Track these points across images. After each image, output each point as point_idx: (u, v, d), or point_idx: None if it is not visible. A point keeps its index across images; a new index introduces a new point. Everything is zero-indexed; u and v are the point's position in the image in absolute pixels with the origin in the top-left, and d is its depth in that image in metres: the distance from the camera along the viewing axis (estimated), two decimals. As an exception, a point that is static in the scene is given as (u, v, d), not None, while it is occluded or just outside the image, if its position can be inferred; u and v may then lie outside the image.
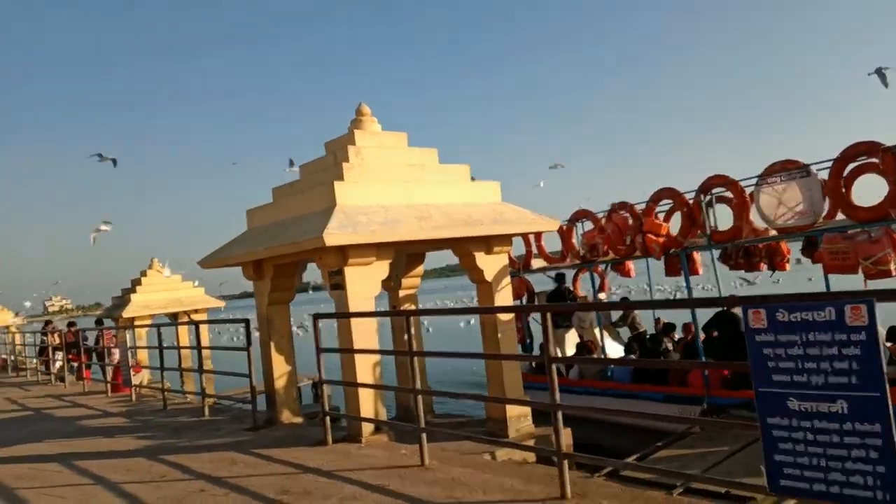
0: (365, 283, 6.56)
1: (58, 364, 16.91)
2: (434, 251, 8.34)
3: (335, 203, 6.43)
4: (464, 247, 7.37)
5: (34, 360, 18.52)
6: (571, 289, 12.12)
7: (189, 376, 15.40)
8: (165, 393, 9.94)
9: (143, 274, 21.58)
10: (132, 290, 21.10)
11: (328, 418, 6.41)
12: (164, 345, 10.36)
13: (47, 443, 7.88)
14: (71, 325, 16.38)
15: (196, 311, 21.68)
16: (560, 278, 11.93)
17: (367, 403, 6.46)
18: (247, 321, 7.77)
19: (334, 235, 5.96)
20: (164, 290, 21.21)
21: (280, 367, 7.81)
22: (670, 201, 9.56)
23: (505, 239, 7.51)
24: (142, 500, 5.18)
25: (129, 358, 10.73)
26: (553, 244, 11.54)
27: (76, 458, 6.86)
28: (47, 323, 17.49)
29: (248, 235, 7.82)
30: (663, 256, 9.35)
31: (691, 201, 9.09)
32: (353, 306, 6.43)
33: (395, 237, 6.38)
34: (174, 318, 21.88)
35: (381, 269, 6.71)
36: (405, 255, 8.39)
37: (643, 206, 9.75)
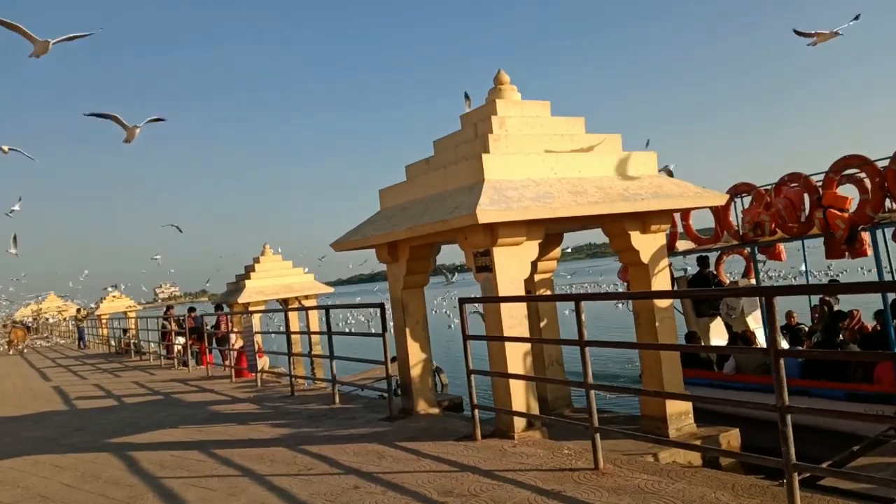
0: (514, 265, 5.99)
1: (176, 348, 17.45)
2: (583, 230, 7.69)
3: (483, 178, 5.88)
4: (617, 225, 6.68)
5: (154, 345, 19.25)
6: (715, 273, 11.10)
7: (305, 362, 15.49)
8: (293, 379, 9.76)
9: (257, 260, 22.01)
10: (246, 276, 21.54)
11: (477, 411, 5.90)
12: (286, 330, 10.18)
13: (183, 429, 7.81)
14: (191, 310, 16.78)
15: (307, 297, 21.95)
16: (703, 261, 10.91)
17: (519, 396, 5.91)
18: (382, 305, 7.39)
19: (487, 212, 5.42)
20: (276, 277, 21.52)
21: (416, 354, 7.38)
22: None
23: (664, 215, 6.75)
24: (294, 495, 4.84)
25: (254, 343, 10.66)
26: (700, 222, 10.53)
27: (215, 445, 6.68)
28: (168, 308, 18.06)
29: (382, 216, 7.41)
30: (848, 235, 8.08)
31: (884, 170, 7.81)
32: (503, 290, 5.87)
33: (549, 213, 5.77)
34: (284, 304, 22.28)
35: (531, 249, 6.12)
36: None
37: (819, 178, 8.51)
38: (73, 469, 6.37)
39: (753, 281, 10.56)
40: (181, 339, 17.27)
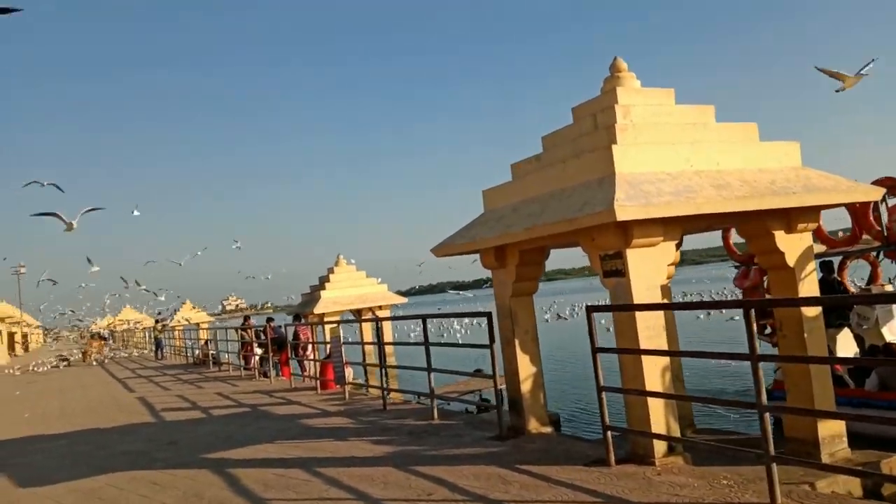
0: (650, 269, 5.35)
1: (254, 359, 17.36)
2: (718, 228, 6.98)
3: (612, 171, 5.28)
4: (759, 224, 5.96)
5: (228, 356, 19.23)
6: (840, 279, 10.14)
7: (375, 372, 15.11)
8: (385, 392, 9.31)
9: (331, 271, 21.90)
10: (321, 286, 21.41)
11: (609, 433, 5.27)
12: (379, 340, 9.73)
13: (279, 444, 7.44)
14: (269, 320, 16.67)
15: (380, 308, 21.67)
16: (828, 267, 9.98)
17: (659, 417, 5.25)
18: (489, 314, 6.85)
19: (626, 208, 4.81)
20: (350, 287, 21.33)
21: (526, 367, 6.80)
22: None
23: (812, 212, 6.00)
24: (421, 526, 4.33)
25: (342, 354, 10.29)
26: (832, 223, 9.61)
27: (318, 463, 6.26)
28: (246, 318, 18.02)
29: (488, 218, 6.89)
30: None
31: None
32: (639, 297, 5.25)
33: (693, 209, 5.12)
34: (357, 315, 22.05)
35: (668, 251, 5.48)
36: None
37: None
38: (172, 488, 6.04)
39: (889, 287, 9.58)
40: (259, 350, 17.20)
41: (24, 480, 7.04)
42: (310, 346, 15.75)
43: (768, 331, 10.01)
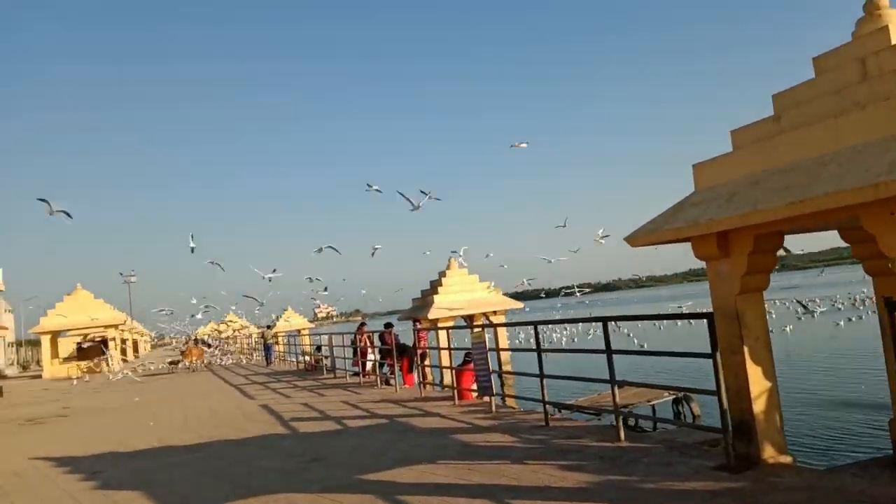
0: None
1: (368, 365, 16.63)
2: None
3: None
4: None
5: (349, 363, 18.60)
6: None
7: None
8: (546, 406, 8.16)
9: (443, 275, 21.04)
10: (433, 291, 20.59)
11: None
12: (537, 347, 8.52)
13: (446, 465, 6.42)
14: (388, 325, 15.92)
15: (494, 313, 20.61)
16: None
17: None
18: (710, 315, 5.59)
19: (980, 163, 3.48)
20: (463, 291, 20.39)
21: (758, 381, 5.50)
22: None
23: None
24: None
25: (487, 361, 9.22)
26: None
27: (510, 494, 5.19)
28: (362, 325, 17.34)
29: (703, 198, 5.64)
30: None
31: None
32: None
33: None
34: (469, 321, 21.04)
35: None
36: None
37: None
38: (344, 519, 5.11)
39: None
40: (372, 357, 16.48)
41: (169, 501, 6.33)
42: (433, 353, 14.87)
43: None
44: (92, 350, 36.94)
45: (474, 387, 11.22)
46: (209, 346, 62.58)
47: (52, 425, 13.75)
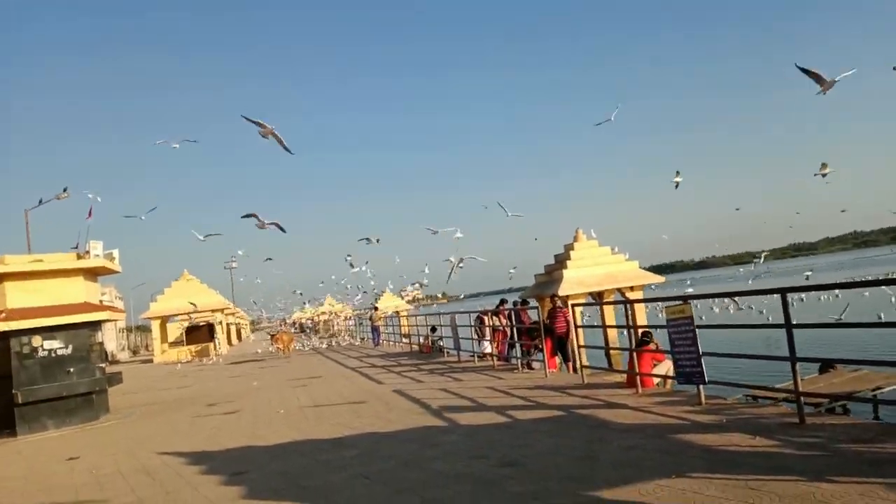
0: None
1: (486, 349, 15.14)
2: None
3: None
4: None
5: (469, 343, 17.17)
6: None
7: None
8: (801, 399, 6.27)
9: (570, 248, 19.17)
10: (561, 265, 18.75)
11: None
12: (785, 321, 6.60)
13: (706, 481, 4.69)
14: (525, 303, 14.34)
15: (631, 289, 18.59)
16: None
17: None
18: None
19: None
20: (595, 265, 18.41)
21: None
22: None
23: None
24: None
25: (696, 340, 7.38)
26: None
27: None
28: (502, 302, 15.77)
29: None
30: None
31: None
32: None
33: None
34: (598, 297, 19.11)
35: None
36: None
37: None
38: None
39: None
40: (502, 336, 14.91)
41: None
42: (574, 332, 13.18)
43: None
44: (200, 334, 37.30)
45: (659, 371, 9.43)
46: (305, 329, 63.01)
47: (173, 412, 12.92)
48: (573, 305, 11.81)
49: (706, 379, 7.34)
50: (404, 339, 26.94)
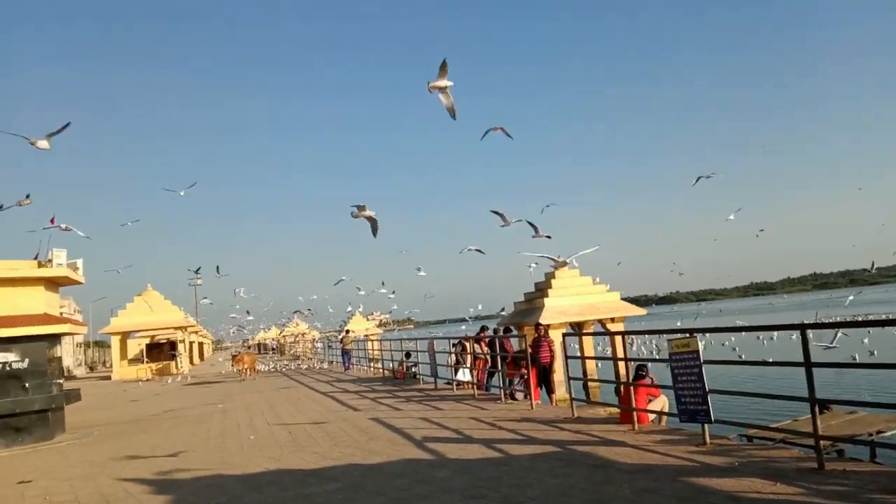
0: None
1: (465, 377, 14.71)
2: None
3: None
4: None
5: (434, 370, 16.66)
6: None
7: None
8: (819, 440, 5.92)
9: (552, 276, 18.88)
10: (542, 293, 18.45)
11: None
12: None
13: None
14: (507, 330, 13.91)
15: (612, 321, 18.32)
16: None
17: None
18: None
19: None
20: (577, 294, 18.16)
21: None
22: None
23: None
24: None
25: (703, 378, 7.03)
26: None
27: None
28: (483, 329, 15.32)
29: None
30: None
31: None
32: None
33: None
34: (578, 328, 18.82)
35: None
36: None
37: None
38: None
39: None
40: (465, 366, 14.51)
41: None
42: (556, 362, 12.84)
43: None
44: (161, 352, 36.09)
45: (654, 406, 9.06)
46: (274, 350, 61.64)
47: (134, 434, 12.14)
48: (564, 335, 11.38)
49: (713, 418, 6.97)
50: (375, 365, 26.31)
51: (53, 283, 13.22)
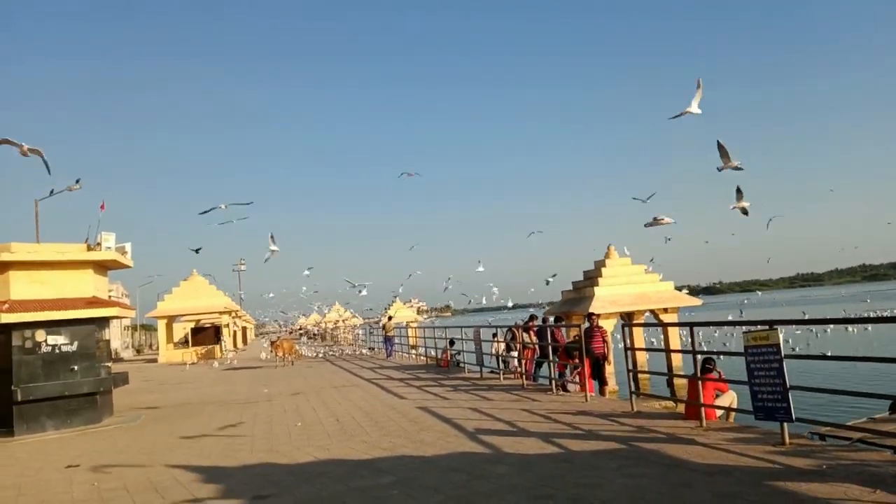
0: None
1: (513, 362, 14.32)
2: None
3: None
4: None
5: (479, 358, 16.30)
6: None
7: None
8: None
9: (601, 264, 18.31)
10: (592, 282, 17.90)
11: None
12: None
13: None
14: (558, 319, 13.45)
15: (665, 311, 17.69)
16: None
17: None
18: None
19: None
20: (627, 284, 17.55)
21: None
22: None
23: None
24: None
25: (784, 374, 6.51)
26: None
27: None
28: (532, 318, 14.88)
29: None
30: None
31: None
32: None
33: None
34: (629, 318, 18.21)
35: None
36: None
37: None
38: None
39: None
40: (526, 353, 14.09)
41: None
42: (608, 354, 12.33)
43: None
44: (205, 336, 36.54)
45: (722, 402, 8.55)
46: (314, 336, 62.10)
47: (181, 418, 12.08)
48: (633, 325, 10.79)
49: (793, 416, 6.45)
50: (412, 351, 26.18)
51: (102, 267, 13.22)
